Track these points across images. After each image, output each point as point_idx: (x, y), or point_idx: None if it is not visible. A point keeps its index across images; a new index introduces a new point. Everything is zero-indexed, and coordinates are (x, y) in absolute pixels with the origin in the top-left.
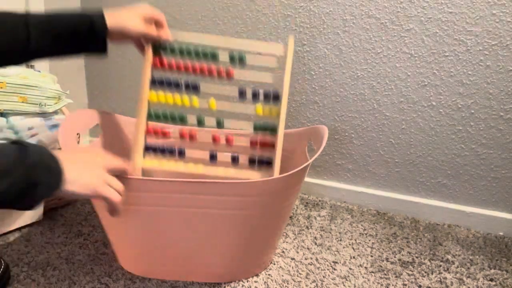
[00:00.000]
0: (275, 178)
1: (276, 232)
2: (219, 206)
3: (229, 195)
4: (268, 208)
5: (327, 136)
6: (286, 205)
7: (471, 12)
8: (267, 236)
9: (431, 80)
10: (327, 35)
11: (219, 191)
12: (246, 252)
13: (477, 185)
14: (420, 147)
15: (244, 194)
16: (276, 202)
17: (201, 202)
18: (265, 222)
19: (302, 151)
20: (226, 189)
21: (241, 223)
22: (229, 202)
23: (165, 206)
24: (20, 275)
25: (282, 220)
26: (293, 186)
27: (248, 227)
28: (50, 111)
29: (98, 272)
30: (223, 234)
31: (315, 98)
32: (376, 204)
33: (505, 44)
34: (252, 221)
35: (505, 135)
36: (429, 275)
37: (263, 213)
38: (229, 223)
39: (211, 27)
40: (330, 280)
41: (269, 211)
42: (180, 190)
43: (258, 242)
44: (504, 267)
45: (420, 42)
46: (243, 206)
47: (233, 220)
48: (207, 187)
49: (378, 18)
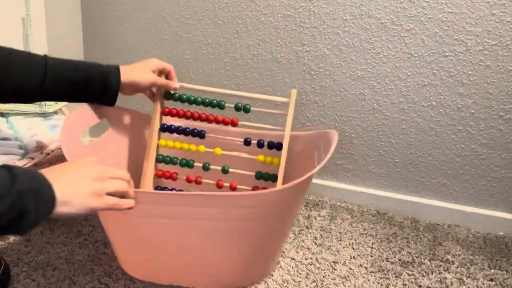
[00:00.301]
0: (275, 190)
1: (281, 240)
2: (223, 217)
3: (233, 207)
4: (273, 219)
5: (336, 142)
6: (290, 214)
7: (471, 12)
8: (271, 245)
9: (431, 80)
10: (327, 35)
11: (222, 203)
12: (250, 261)
13: (477, 185)
14: (420, 147)
15: (247, 206)
16: (279, 213)
17: (204, 215)
18: (270, 231)
19: (311, 155)
20: (229, 202)
21: (246, 234)
22: (233, 213)
23: (171, 218)
24: (20, 275)
25: (287, 229)
26: (297, 195)
27: (252, 238)
28: (50, 111)
29: (98, 272)
30: (227, 245)
31: (315, 98)
32: (376, 204)
33: (505, 44)
34: (257, 232)
35: (505, 135)
36: (429, 275)
37: (267, 224)
38: (232, 234)
39: (211, 27)
40: (330, 280)
41: (274, 221)
42: (185, 203)
43: (263, 251)
44: (504, 267)
45: (420, 42)
46: (247, 218)
47: (237, 231)
48: (210, 200)
49: (378, 18)
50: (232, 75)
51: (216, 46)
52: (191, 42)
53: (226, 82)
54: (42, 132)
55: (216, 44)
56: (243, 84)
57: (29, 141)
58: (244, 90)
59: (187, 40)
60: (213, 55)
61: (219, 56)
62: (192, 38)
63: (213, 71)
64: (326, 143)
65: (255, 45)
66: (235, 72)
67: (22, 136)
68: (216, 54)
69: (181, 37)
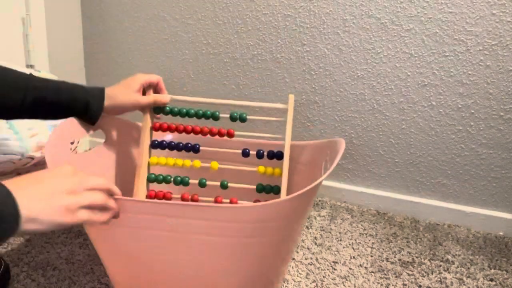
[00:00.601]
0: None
1: (285, 260)
2: (217, 232)
3: (230, 221)
4: (275, 234)
5: (342, 151)
6: (294, 230)
7: (471, 12)
8: (276, 263)
9: (431, 80)
10: (327, 35)
11: (217, 216)
12: (251, 282)
13: (477, 185)
14: (420, 147)
15: (246, 221)
16: (282, 228)
17: (196, 228)
18: (274, 248)
19: (319, 165)
20: (225, 214)
21: (245, 250)
22: (231, 228)
23: (163, 230)
24: (20, 275)
25: (290, 246)
26: (301, 207)
27: (254, 255)
28: None
29: (98, 272)
30: (227, 262)
31: (315, 98)
32: (376, 204)
33: (505, 44)
34: (259, 249)
35: (505, 135)
36: (429, 275)
37: (271, 240)
38: (232, 250)
39: (211, 27)
40: (330, 280)
41: (275, 238)
42: (177, 214)
43: (262, 273)
44: (504, 267)
45: (420, 42)
46: (247, 234)
47: (236, 247)
48: (204, 211)
49: (378, 18)
50: (232, 75)
51: (216, 46)
52: (191, 42)
53: (226, 82)
54: (42, 132)
55: (216, 44)
56: (243, 84)
57: (29, 141)
58: (244, 90)
59: (187, 40)
60: (213, 55)
61: (219, 56)
62: (192, 38)
63: (213, 71)
64: (334, 152)
65: (255, 45)
66: (235, 72)
67: (22, 136)
68: (216, 54)
69: (181, 37)
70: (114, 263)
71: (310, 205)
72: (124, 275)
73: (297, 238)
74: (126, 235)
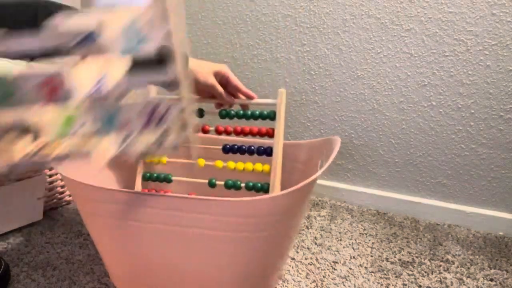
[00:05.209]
0: (269, 197)
1: (283, 254)
2: (218, 227)
3: (227, 215)
4: (271, 229)
5: (337, 148)
6: (291, 225)
7: (471, 12)
8: (272, 259)
9: (431, 80)
10: (327, 35)
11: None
12: (248, 278)
13: (477, 185)
14: (420, 147)
15: (241, 215)
16: (278, 222)
17: (189, 222)
18: (269, 244)
19: (316, 164)
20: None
21: (240, 245)
22: (226, 222)
23: (160, 223)
24: (20, 275)
25: (286, 243)
26: (297, 203)
27: (249, 250)
28: None
29: (98, 272)
30: (224, 258)
31: (315, 98)
32: (376, 204)
33: (505, 44)
34: (254, 244)
35: (505, 135)
36: (429, 275)
37: (266, 235)
38: (229, 246)
39: (211, 27)
40: (330, 280)
41: (273, 232)
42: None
43: (261, 265)
44: (504, 267)
45: (420, 42)
46: (244, 229)
47: (233, 243)
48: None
49: (378, 18)
50: None
51: (216, 46)
52: (191, 42)
53: None
54: None
55: (216, 44)
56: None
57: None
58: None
59: (187, 40)
60: (213, 55)
61: (219, 56)
62: (192, 38)
63: None
64: (329, 150)
65: (255, 45)
66: (235, 72)
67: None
68: (216, 54)
69: None
70: (113, 257)
71: (305, 202)
72: (123, 268)
73: (294, 235)
74: (123, 228)
